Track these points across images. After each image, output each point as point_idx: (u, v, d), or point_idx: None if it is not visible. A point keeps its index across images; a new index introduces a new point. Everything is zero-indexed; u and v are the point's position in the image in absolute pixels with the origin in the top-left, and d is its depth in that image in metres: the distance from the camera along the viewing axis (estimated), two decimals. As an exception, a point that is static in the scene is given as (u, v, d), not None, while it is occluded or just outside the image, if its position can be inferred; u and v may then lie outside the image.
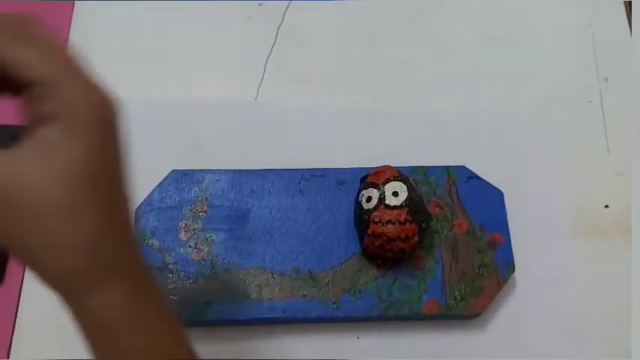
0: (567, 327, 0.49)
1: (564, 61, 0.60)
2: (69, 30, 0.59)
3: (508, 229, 0.50)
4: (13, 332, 0.48)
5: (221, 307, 0.46)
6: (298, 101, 0.57)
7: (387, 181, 0.47)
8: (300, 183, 0.51)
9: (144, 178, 0.51)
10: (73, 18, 0.60)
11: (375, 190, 0.47)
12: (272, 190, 0.51)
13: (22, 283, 0.50)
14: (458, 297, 0.47)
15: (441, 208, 0.50)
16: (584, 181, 0.54)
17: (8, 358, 0.47)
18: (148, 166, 0.52)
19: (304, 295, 0.47)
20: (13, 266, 0.50)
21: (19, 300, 0.49)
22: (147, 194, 0.50)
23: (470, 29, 0.61)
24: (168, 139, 0.55)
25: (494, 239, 0.49)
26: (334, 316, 0.47)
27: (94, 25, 0.60)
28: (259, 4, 0.62)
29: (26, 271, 0.50)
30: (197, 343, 0.47)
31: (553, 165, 0.55)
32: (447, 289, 0.47)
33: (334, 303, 0.47)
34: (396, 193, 0.46)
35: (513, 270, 0.48)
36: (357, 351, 0.48)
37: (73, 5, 0.60)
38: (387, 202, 0.46)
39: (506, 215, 0.50)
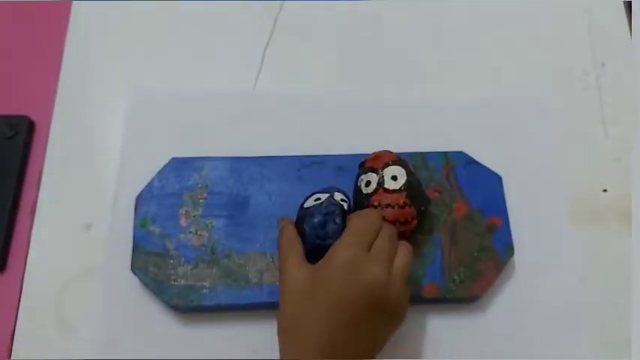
0: (565, 311, 0.49)
1: (562, 47, 0.60)
2: (66, 29, 0.59)
3: (507, 214, 0.50)
4: (16, 319, 0.48)
5: (222, 292, 0.47)
6: (297, 90, 0.58)
7: (386, 165, 0.47)
8: (299, 170, 0.52)
9: (144, 165, 0.51)
10: (71, 17, 0.60)
11: (374, 175, 0.47)
12: (271, 176, 0.51)
13: (24, 269, 0.50)
14: (457, 280, 0.47)
15: (440, 192, 0.51)
16: (582, 165, 0.54)
17: (12, 344, 0.48)
18: (149, 154, 0.52)
19: (304, 280, 0.47)
20: (14, 252, 0.51)
21: (21, 287, 0.49)
22: (147, 182, 0.50)
23: (468, 16, 0.61)
24: (168, 127, 0.55)
25: (493, 223, 0.50)
26: (334, 300, 0.47)
27: (92, 24, 0.60)
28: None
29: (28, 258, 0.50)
30: (197, 329, 0.48)
31: (551, 150, 0.55)
32: (446, 273, 0.48)
33: (334, 287, 0.47)
34: (394, 177, 0.46)
35: (512, 254, 0.49)
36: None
37: (71, 5, 0.60)
38: (386, 186, 0.46)
39: (504, 199, 0.51)
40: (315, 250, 0.45)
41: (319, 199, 0.47)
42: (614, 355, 0.48)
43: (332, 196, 0.47)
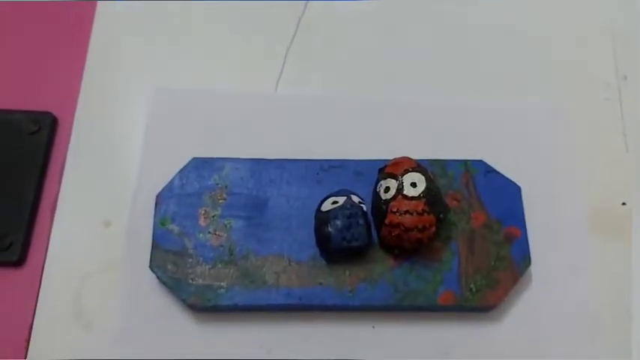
0: (582, 322, 0.49)
1: (585, 58, 0.60)
2: (91, 29, 0.60)
3: (525, 224, 0.50)
4: (34, 313, 0.49)
5: (238, 293, 0.47)
6: (317, 93, 0.58)
7: (406, 171, 0.47)
8: (318, 173, 0.52)
9: (165, 164, 0.52)
10: (96, 17, 0.61)
11: (394, 181, 0.47)
12: (290, 179, 0.52)
13: (43, 263, 0.51)
14: (473, 289, 0.47)
15: (459, 201, 0.51)
16: (602, 178, 0.54)
17: (30, 336, 0.48)
18: (170, 153, 0.53)
19: (321, 283, 0.47)
20: (34, 247, 0.51)
21: (40, 280, 0.50)
22: (168, 180, 0.51)
23: (491, 24, 0.61)
24: (189, 127, 0.55)
25: (511, 233, 0.50)
26: (350, 304, 0.47)
27: (116, 24, 0.61)
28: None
29: (48, 253, 0.51)
30: (213, 328, 0.48)
31: (571, 161, 0.55)
32: (463, 281, 0.48)
33: (350, 291, 0.47)
34: (414, 184, 0.47)
35: (529, 264, 0.48)
36: (371, 340, 0.49)
37: (96, 5, 0.61)
38: (405, 192, 0.46)
39: (523, 210, 0.50)
40: (340, 252, 0.45)
41: (336, 202, 0.47)
42: (630, 369, 0.48)
43: (350, 199, 0.47)
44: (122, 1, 0.61)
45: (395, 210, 0.46)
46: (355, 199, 0.47)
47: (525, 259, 0.48)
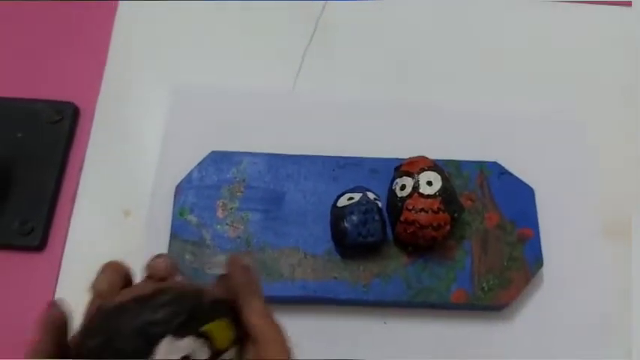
0: (591, 324, 0.49)
1: (602, 63, 0.60)
2: (113, 24, 0.61)
3: (538, 226, 0.50)
4: (53, 295, 0.50)
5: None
6: (334, 93, 0.59)
7: (422, 170, 0.48)
8: (334, 170, 0.53)
9: (184, 157, 0.53)
10: (117, 14, 0.62)
11: (410, 179, 0.48)
12: (307, 175, 0.53)
13: (63, 250, 0.52)
14: (486, 288, 0.48)
15: (473, 201, 0.51)
16: (616, 182, 0.55)
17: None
18: (189, 146, 0.54)
19: (335, 277, 0.48)
20: (54, 232, 0.52)
21: (59, 266, 0.51)
22: (186, 172, 0.52)
23: (510, 28, 0.62)
24: (208, 122, 0.56)
25: (524, 234, 0.50)
26: (364, 298, 0.48)
27: (137, 21, 0.62)
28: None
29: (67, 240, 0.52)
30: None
31: (586, 165, 0.55)
32: (476, 280, 0.48)
33: (364, 286, 0.48)
34: (430, 183, 0.47)
35: (541, 265, 0.49)
36: (383, 335, 0.49)
37: (117, 5, 0.62)
38: (420, 190, 0.47)
39: (536, 212, 0.51)
40: (356, 247, 0.46)
41: (352, 198, 0.48)
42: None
43: (366, 195, 0.48)
44: (142, 0, 0.62)
45: (410, 207, 0.47)
46: (371, 195, 0.48)
47: (538, 260, 0.49)
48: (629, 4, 0.62)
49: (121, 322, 0.29)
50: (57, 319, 0.31)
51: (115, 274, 0.34)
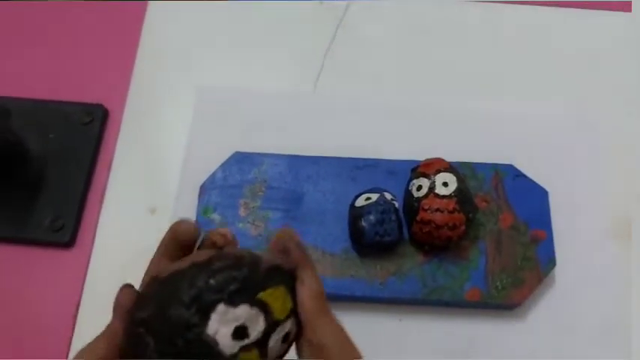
0: (603, 324, 0.50)
1: (616, 67, 0.61)
2: (141, 27, 0.63)
3: (551, 227, 0.52)
4: (81, 295, 0.52)
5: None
6: (353, 95, 0.60)
7: (438, 171, 0.49)
8: (352, 171, 0.54)
9: (208, 157, 0.55)
10: (146, 16, 0.64)
11: (426, 180, 0.49)
12: (326, 175, 0.54)
13: (92, 246, 0.54)
14: (499, 287, 0.49)
15: (488, 202, 0.53)
16: (629, 185, 0.56)
17: (77, 312, 0.51)
18: (213, 147, 0.56)
19: (352, 275, 0.50)
20: (84, 229, 0.55)
21: (88, 262, 0.53)
22: (210, 172, 0.54)
23: (526, 32, 0.63)
24: (232, 123, 0.58)
25: (537, 235, 0.51)
26: (380, 296, 0.49)
27: (166, 23, 0.64)
28: (320, 3, 0.65)
29: (96, 237, 0.54)
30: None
31: (599, 168, 0.56)
32: (489, 279, 0.50)
33: (381, 284, 0.49)
34: (445, 184, 0.49)
35: (554, 265, 0.50)
36: (398, 332, 0.51)
37: (146, 5, 0.65)
38: (436, 191, 0.48)
39: (550, 213, 0.52)
40: (373, 246, 0.48)
41: (370, 198, 0.50)
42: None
43: (383, 196, 0.49)
44: (172, 1, 0.64)
45: (427, 207, 0.48)
46: (388, 196, 0.50)
47: (550, 261, 0.50)
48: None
49: (173, 290, 0.27)
50: (127, 301, 0.31)
51: (174, 242, 0.34)
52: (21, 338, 0.51)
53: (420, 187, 0.49)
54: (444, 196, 0.48)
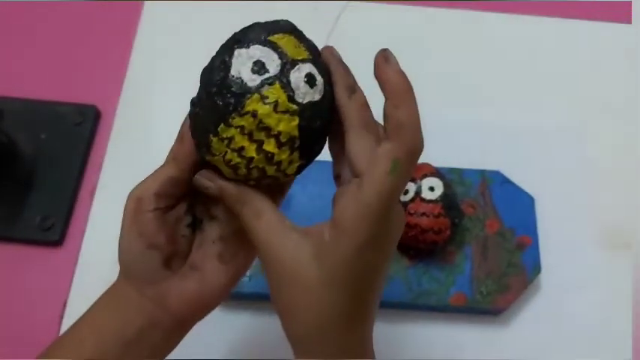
0: (586, 331, 0.51)
1: (604, 77, 0.62)
2: (136, 28, 0.64)
3: (537, 233, 0.52)
4: (69, 292, 0.52)
5: (261, 282, 0.50)
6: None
7: (425, 176, 0.50)
8: (341, 175, 0.55)
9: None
10: (142, 17, 0.65)
11: (412, 184, 0.50)
12: (315, 179, 0.54)
13: (80, 246, 0.54)
14: (484, 292, 0.50)
15: (474, 208, 0.53)
16: (614, 193, 0.56)
17: (64, 311, 0.51)
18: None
19: (338, 278, 0.50)
20: (73, 228, 0.55)
21: (76, 261, 0.53)
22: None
23: (512, 45, 0.64)
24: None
25: (523, 241, 0.52)
26: (365, 299, 0.49)
27: (161, 24, 0.64)
28: (314, 9, 0.66)
29: (85, 236, 0.55)
30: (238, 315, 0.51)
31: (585, 176, 0.57)
32: (475, 284, 0.50)
33: (366, 287, 0.50)
34: (432, 188, 0.49)
35: (539, 272, 0.51)
36: (383, 337, 0.51)
37: (142, 5, 0.65)
38: (423, 195, 0.49)
39: (536, 220, 0.53)
40: None
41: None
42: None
43: None
44: (167, 1, 0.65)
45: (412, 212, 0.49)
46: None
47: (536, 267, 0.51)
48: (629, 21, 0.64)
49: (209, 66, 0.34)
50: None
51: None
52: (8, 336, 0.51)
53: (406, 192, 0.50)
54: (429, 201, 0.49)
